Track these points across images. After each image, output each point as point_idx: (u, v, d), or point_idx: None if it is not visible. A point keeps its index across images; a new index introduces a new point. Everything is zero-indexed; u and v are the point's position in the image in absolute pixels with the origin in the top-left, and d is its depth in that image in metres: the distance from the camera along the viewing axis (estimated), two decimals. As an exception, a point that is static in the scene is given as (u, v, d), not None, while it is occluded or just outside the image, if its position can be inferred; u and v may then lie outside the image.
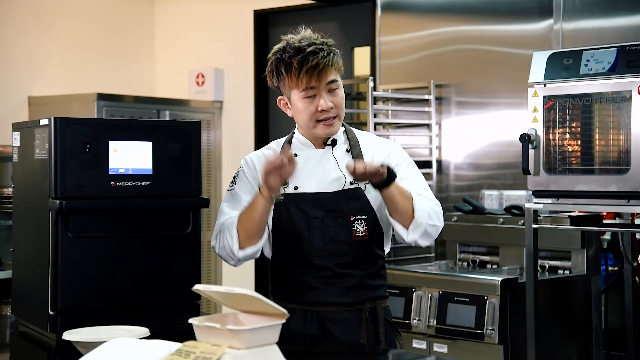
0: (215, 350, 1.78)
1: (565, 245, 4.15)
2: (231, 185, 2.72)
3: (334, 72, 2.60)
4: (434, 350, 4.01)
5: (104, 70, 6.59)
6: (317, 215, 2.60)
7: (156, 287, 2.55)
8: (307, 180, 2.64)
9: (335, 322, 2.61)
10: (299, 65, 2.55)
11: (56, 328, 2.42)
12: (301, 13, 6.17)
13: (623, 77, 3.37)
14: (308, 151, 2.69)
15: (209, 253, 6.44)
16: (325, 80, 2.58)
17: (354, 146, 2.69)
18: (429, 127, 4.95)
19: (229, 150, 6.54)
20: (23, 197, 2.75)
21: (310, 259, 2.60)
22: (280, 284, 2.69)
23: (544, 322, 3.84)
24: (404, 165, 2.70)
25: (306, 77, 2.55)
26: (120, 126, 2.58)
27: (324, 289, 2.61)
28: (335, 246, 2.59)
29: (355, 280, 2.62)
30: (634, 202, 3.35)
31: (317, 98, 2.59)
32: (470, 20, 4.86)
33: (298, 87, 2.59)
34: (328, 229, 2.60)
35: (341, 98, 2.63)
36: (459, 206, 4.54)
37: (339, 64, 2.62)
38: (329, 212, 2.60)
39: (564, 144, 3.55)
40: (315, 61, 2.54)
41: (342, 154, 2.68)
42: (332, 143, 2.69)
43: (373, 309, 2.65)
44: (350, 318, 2.63)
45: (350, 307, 2.63)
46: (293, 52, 2.57)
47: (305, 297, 2.63)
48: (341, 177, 2.63)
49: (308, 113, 2.61)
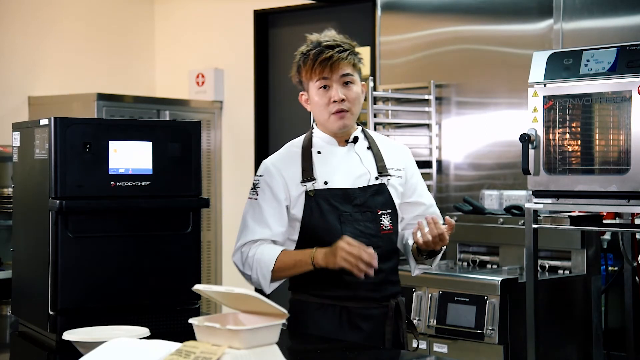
0: (215, 350, 1.78)
1: (565, 245, 4.15)
2: (252, 193, 2.73)
3: (349, 67, 2.69)
4: (434, 350, 4.01)
5: (104, 70, 6.59)
6: (346, 209, 2.67)
7: (156, 287, 2.55)
8: (334, 176, 2.71)
9: (364, 317, 2.67)
10: (314, 57, 2.68)
11: (56, 328, 2.42)
12: (301, 13, 6.17)
13: (623, 77, 3.37)
14: (332, 148, 2.76)
15: (209, 253, 6.45)
16: (339, 73, 2.67)
17: (373, 144, 2.79)
18: (429, 127, 4.95)
19: (229, 150, 6.54)
20: (23, 197, 2.75)
21: None
22: (306, 278, 2.68)
23: (544, 322, 3.83)
24: (418, 174, 2.87)
25: (320, 67, 2.67)
26: (120, 126, 2.58)
27: (355, 284, 2.64)
28: (366, 239, 2.64)
29: (383, 275, 2.69)
30: (634, 202, 3.35)
31: (330, 89, 2.68)
32: (470, 20, 4.86)
33: (313, 77, 2.69)
34: (358, 223, 2.66)
35: (355, 93, 2.70)
36: (459, 206, 4.54)
37: (355, 62, 2.71)
38: (357, 206, 2.68)
39: (564, 144, 3.54)
40: (330, 54, 2.66)
41: (364, 151, 2.77)
42: (354, 140, 2.77)
43: (397, 306, 2.73)
44: (378, 314, 2.70)
45: (378, 302, 2.70)
46: (313, 46, 2.71)
47: (334, 292, 2.66)
48: (366, 172, 2.73)
49: (322, 104, 2.70)
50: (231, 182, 6.53)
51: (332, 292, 2.66)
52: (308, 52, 2.70)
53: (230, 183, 6.53)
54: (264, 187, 2.71)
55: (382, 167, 2.75)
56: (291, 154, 2.75)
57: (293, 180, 2.70)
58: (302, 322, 2.68)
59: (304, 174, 2.69)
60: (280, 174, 2.71)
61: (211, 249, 6.46)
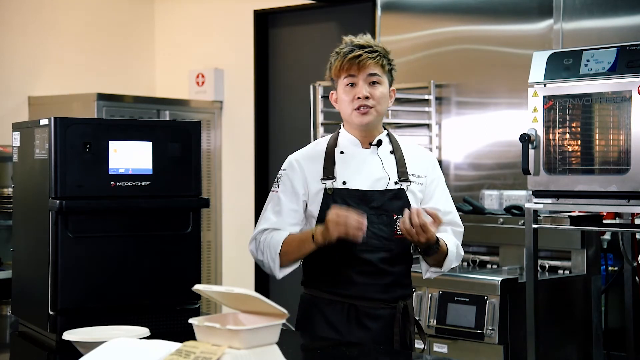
0: (215, 350, 1.78)
1: (565, 245, 4.15)
2: (275, 187, 2.80)
3: (378, 68, 2.74)
4: (434, 350, 4.01)
5: (104, 70, 6.59)
6: (362, 211, 2.68)
7: (156, 287, 2.55)
8: (354, 177, 2.74)
9: (372, 317, 2.72)
10: (344, 55, 2.74)
11: (56, 328, 2.42)
12: (301, 13, 6.17)
13: (623, 77, 3.37)
14: (355, 149, 2.80)
15: (209, 253, 6.45)
16: (366, 72, 2.73)
17: (397, 149, 2.82)
18: (429, 127, 4.95)
19: (229, 150, 6.54)
20: (23, 197, 2.75)
21: (355, 252, 2.69)
22: (318, 275, 2.76)
23: (544, 322, 3.83)
24: (441, 182, 2.88)
25: (348, 64, 2.72)
26: (120, 126, 2.58)
27: (365, 284, 2.70)
28: (378, 241, 2.69)
29: (393, 277, 2.74)
30: (634, 202, 3.35)
31: (356, 87, 2.73)
32: (470, 20, 4.85)
33: (341, 74, 2.75)
34: (372, 225, 2.68)
35: (381, 93, 2.75)
36: (459, 206, 4.53)
37: (384, 63, 2.76)
38: (373, 209, 2.70)
39: (564, 144, 3.54)
40: (359, 53, 2.72)
41: (387, 155, 2.80)
42: (377, 143, 2.80)
43: (405, 308, 2.76)
44: (386, 315, 2.73)
45: (386, 303, 2.73)
46: (345, 46, 2.78)
47: (345, 290, 2.71)
48: (385, 176, 2.76)
49: (347, 100, 2.75)
50: (231, 182, 6.53)
51: (343, 290, 2.71)
52: (340, 50, 2.77)
53: (230, 183, 6.53)
54: (285, 180, 2.78)
55: (403, 173, 2.77)
56: (315, 152, 2.81)
57: (313, 176, 2.75)
58: (312, 316, 2.74)
59: (325, 171, 2.75)
60: (302, 169, 2.77)
61: (211, 249, 6.46)
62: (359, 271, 2.69)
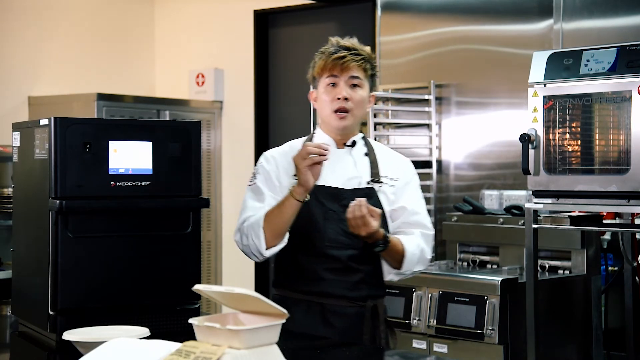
0: (215, 350, 1.78)
1: (565, 245, 4.15)
2: (251, 180, 2.81)
3: (360, 71, 2.77)
4: (434, 350, 4.01)
5: (104, 70, 6.59)
6: (333, 208, 2.71)
7: (156, 287, 2.55)
8: (327, 175, 2.74)
9: (338, 315, 2.70)
10: (329, 54, 2.78)
11: (56, 328, 2.42)
12: (301, 13, 6.17)
13: (623, 77, 3.37)
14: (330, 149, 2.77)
15: (209, 253, 6.45)
16: (348, 74, 2.75)
17: (371, 152, 2.83)
18: (429, 127, 4.95)
19: (229, 150, 6.54)
20: (23, 197, 2.75)
21: (323, 248, 2.70)
22: (287, 273, 2.77)
23: (544, 322, 3.83)
24: (413, 184, 2.87)
25: (331, 64, 2.75)
26: (120, 126, 2.58)
27: (331, 281, 2.70)
28: (347, 238, 2.69)
29: (362, 275, 2.73)
30: (634, 202, 3.35)
31: (337, 87, 2.75)
32: (470, 20, 4.85)
33: (323, 73, 2.78)
34: (342, 223, 2.67)
35: (360, 97, 2.77)
36: (459, 206, 4.54)
37: (366, 68, 2.78)
38: (344, 206, 2.68)
39: (564, 144, 3.54)
40: (343, 54, 2.76)
41: (361, 156, 2.82)
42: (352, 144, 2.82)
43: (374, 307, 2.74)
44: (353, 313, 2.72)
45: (354, 302, 2.72)
46: (331, 46, 2.82)
47: (312, 288, 2.71)
48: (358, 176, 2.78)
49: (327, 100, 2.77)
50: (231, 182, 6.53)
51: (310, 288, 2.71)
52: (325, 50, 2.80)
53: (230, 183, 6.53)
54: (262, 171, 2.80)
55: (376, 174, 2.79)
56: (290, 150, 2.82)
57: (287, 172, 2.77)
58: None
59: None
60: (277, 164, 2.79)
61: (211, 249, 6.46)
62: (327, 268, 2.70)
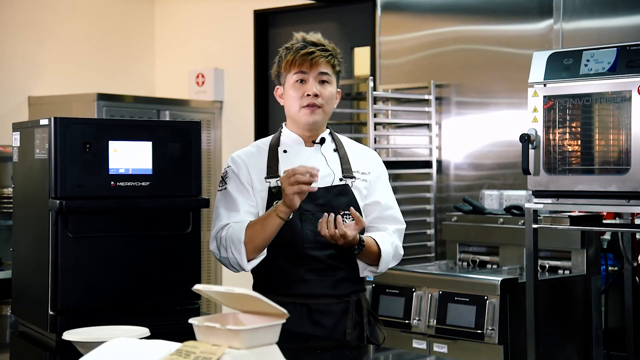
0: (215, 350, 1.77)
1: (565, 245, 4.15)
2: (221, 184, 2.80)
3: (329, 68, 2.75)
4: (434, 350, 4.01)
5: (104, 70, 6.59)
6: (308, 208, 2.69)
7: (156, 287, 2.55)
8: None
9: (324, 313, 2.71)
10: (297, 50, 2.75)
11: (56, 328, 2.42)
12: (301, 13, 6.17)
13: (623, 77, 3.37)
14: (298, 148, 2.80)
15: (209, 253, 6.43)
16: (317, 70, 2.73)
17: (340, 147, 2.82)
18: (429, 127, 4.95)
19: (229, 150, 6.53)
20: (23, 197, 2.75)
21: (303, 250, 2.69)
22: (269, 277, 2.75)
23: (544, 322, 3.83)
24: (384, 178, 2.88)
25: (300, 60, 2.73)
26: (120, 126, 2.58)
27: (314, 282, 2.70)
28: (325, 238, 2.65)
29: (344, 273, 2.74)
30: (634, 202, 3.35)
31: (306, 84, 2.73)
32: (470, 20, 4.86)
33: (292, 70, 2.74)
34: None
35: (329, 93, 2.76)
36: (459, 206, 4.54)
37: (335, 64, 2.77)
38: (319, 206, 2.69)
39: (564, 144, 3.54)
40: (311, 50, 2.73)
41: (330, 153, 2.81)
42: (320, 141, 2.81)
43: (358, 301, 2.76)
44: (338, 310, 2.73)
45: (339, 299, 2.73)
46: (297, 42, 2.79)
47: (295, 290, 2.70)
48: (331, 173, 2.76)
49: (295, 97, 2.74)
50: (231, 182, 6.52)
51: (293, 290, 2.70)
52: (292, 46, 2.77)
53: (230, 183, 6.52)
54: (232, 176, 2.78)
55: (347, 170, 2.78)
56: (258, 151, 2.81)
57: (257, 175, 2.75)
58: None
59: (269, 170, 2.75)
60: (246, 165, 2.77)
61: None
62: (309, 269, 2.69)
